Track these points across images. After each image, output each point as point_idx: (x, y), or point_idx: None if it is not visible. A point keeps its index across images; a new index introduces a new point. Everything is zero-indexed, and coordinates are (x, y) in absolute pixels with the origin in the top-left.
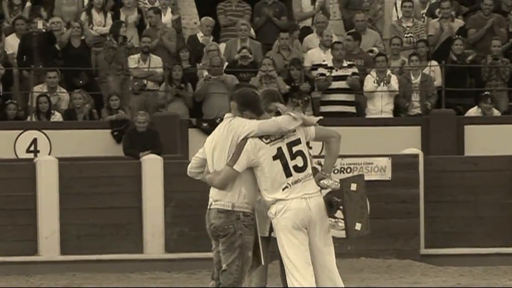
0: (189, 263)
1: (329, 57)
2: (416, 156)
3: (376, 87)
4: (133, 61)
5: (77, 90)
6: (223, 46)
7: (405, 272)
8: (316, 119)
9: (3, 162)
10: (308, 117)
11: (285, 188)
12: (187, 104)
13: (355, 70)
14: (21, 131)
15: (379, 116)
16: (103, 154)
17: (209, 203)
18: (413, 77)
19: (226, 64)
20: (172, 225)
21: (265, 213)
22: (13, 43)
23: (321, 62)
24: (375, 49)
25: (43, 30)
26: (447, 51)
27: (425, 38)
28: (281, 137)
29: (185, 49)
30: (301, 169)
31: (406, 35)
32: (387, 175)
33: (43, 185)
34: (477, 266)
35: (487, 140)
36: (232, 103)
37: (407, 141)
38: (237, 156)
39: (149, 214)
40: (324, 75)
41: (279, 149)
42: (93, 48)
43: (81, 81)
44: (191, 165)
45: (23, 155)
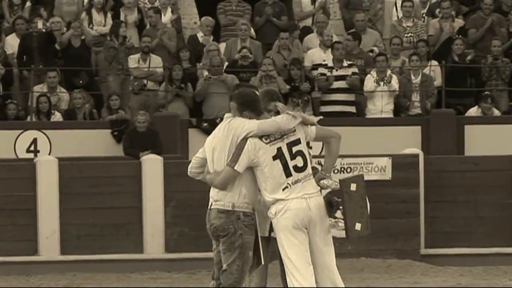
0: (189, 263)
1: (329, 57)
2: (416, 156)
3: (376, 87)
4: (133, 61)
5: (77, 90)
6: (223, 46)
7: (405, 272)
8: (316, 119)
9: (3, 162)
10: (307, 116)
11: (285, 188)
12: (187, 104)
13: (355, 70)
14: (21, 131)
15: (379, 116)
16: (103, 154)
17: (210, 203)
18: (413, 77)
19: (226, 64)
20: (172, 225)
21: (265, 213)
22: (13, 43)
23: (321, 62)
24: (375, 49)
25: (43, 30)
26: (447, 51)
27: (425, 38)
28: (281, 137)
29: (185, 49)
30: (301, 169)
31: (406, 35)
32: (387, 175)
33: (43, 185)
34: (477, 266)
35: (487, 140)
36: (231, 104)
37: (407, 141)
38: (237, 156)
39: (149, 214)
40: (324, 75)
41: (279, 149)
42: (93, 48)
43: (81, 81)
44: (191, 165)
45: (23, 155)
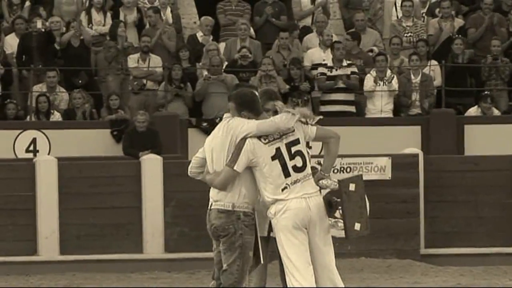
0: (189, 263)
1: (329, 57)
2: (416, 155)
3: (375, 87)
4: (133, 60)
5: (77, 90)
6: (222, 45)
7: (405, 272)
8: (316, 118)
9: (3, 162)
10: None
11: (284, 188)
12: (186, 103)
13: (355, 69)
14: (21, 131)
15: (379, 115)
16: (102, 154)
17: (210, 204)
18: (413, 77)
19: (225, 63)
20: (172, 225)
21: (264, 213)
22: (12, 43)
23: (321, 61)
24: (375, 48)
25: (43, 29)
26: (447, 50)
27: (425, 37)
28: (279, 137)
29: (184, 48)
30: (300, 169)
31: (406, 35)
32: (387, 174)
33: (42, 185)
34: (477, 266)
35: (487, 139)
36: (230, 104)
37: (407, 141)
38: (236, 156)
39: (149, 214)
40: (325, 74)
41: (277, 149)
42: (93, 47)
43: (80, 81)
44: (191, 165)
45: (22, 155)
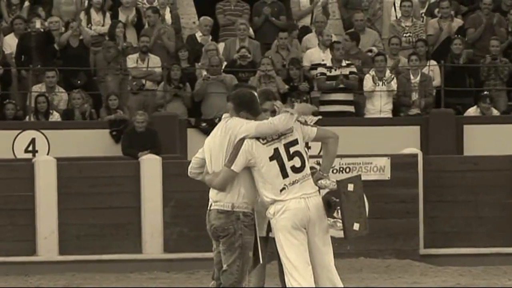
0: (188, 263)
1: (328, 57)
2: (415, 155)
3: (375, 87)
4: (132, 60)
5: (76, 90)
6: (222, 45)
7: (404, 272)
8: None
9: (2, 162)
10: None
11: (283, 189)
12: (185, 104)
13: (354, 69)
14: (20, 131)
15: (378, 115)
16: (102, 154)
17: (209, 204)
18: (412, 77)
19: (225, 63)
20: (171, 225)
21: (263, 213)
22: (11, 43)
23: (320, 61)
24: (374, 48)
25: (42, 29)
26: (446, 50)
27: (424, 37)
28: (278, 138)
29: (184, 48)
30: (298, 170)
31: (405, 35)
32: (386, 175)
33: (41, 185)
34: (477, 266)
35: (486, 139)
36: (229, 104)
37: (406, 141)
38: (234, 156)
39: (148, 214)
40: (324, 74)
41: (275, 150)
42: (92, 48)
43: (79, 81)
44: (191, 165)
45: (21, 155)
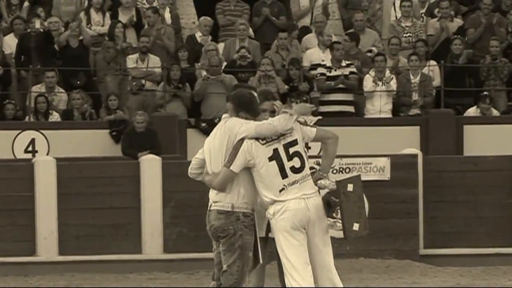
0: (188, 264)
1: (328, 57)
2: (415, 156)
3: (375, 87)
4: (131, 61)
5: (76, 90)
6: (221, 46)
7: (404, 272)
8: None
9: (2, 162)
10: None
11: (282, 190)
12: (185, 104)
13: (354, 69)
14: (19, 131)
15: (378, 116)
16: (101, 154)
17: (209, 204)
18: (412, 77)
19: (224, 64)
20: (171, 225)
21: (262, 213)
22: (11, 43)
23: (320, 62)
24: (373, 48)
25: (41, 30)
26: (446, 51)
27: (424, 38)
28: (277, 138)
29: (183, 49)
30: (298, 170)
31: (405, 35)
32: (386, 175)
33: (41, 185)
34: (477, 266)
35: (486, 140)
36: (228, 104)
37: (406, 141)
38: (233, 157)
39: (147, 214)
40: (324, 75)
41: (275, 150)
42: (92, 48)
43: (78, 82)
44: (191, 166)
45: (21, 155)
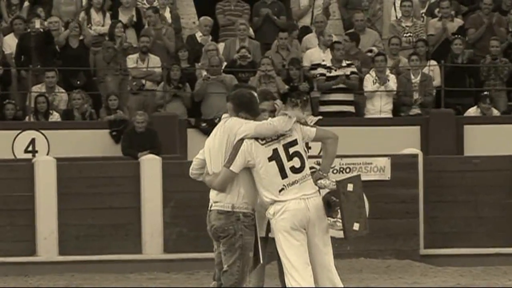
0: (188, 264)
1: (328, 57)
2: (415, 156)
3: (378, 87)
4: (132, 61)
5: (76, 90)
6: (222, 46)
7: (405, 272)
8: (315, 119)
9: (2, 162)
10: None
11: (282, 190)
12: (185, 104)
13: (354, 69)
14: (19, 131)
15: (378, 116)
16: (101, 154)
17: (210, 205)
18: (412, 77)
19: (225, 64)
20: (171, 225)
21: (262, 213)
22: (11, 43)
23: (320, 62)
24: (374, 48)
25: (41, 30)
26: (446, 50)
27: (424, 37)
28: (277, 138)
29: (183, 49)
30: (298, 170)
31: (405, 35)
32: (387, 175)
33: (41, 185)
34: (477, 266)
35: (486, 140)
36: (228, 104)
37: (407, 141)
38: (233, 157)
39: (148, 214)
40: (324, 75)
41: (274, 150)
42: (92, 48)
43: (78, 82)
44: (192, 166)
45: (21, 155)
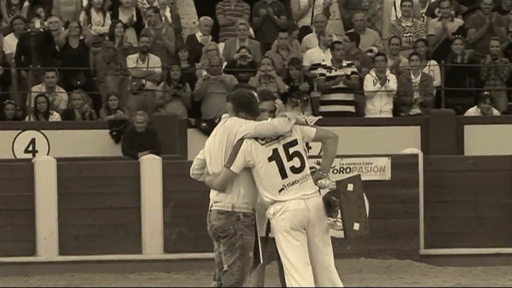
0: (188, 264)
1: (328, 57)
2: (415, 156)
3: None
4: (132, 61)
5: (76, 90)
6: (222, 45)
7: (405, 272)
8: (315, 119)
9: (2, 162)
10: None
11: (282, 190)
12: (185, 104)
13: (354, 69)
14: (19, 131)
15: (379, 116)
16: (101, 154)
17: (210, 205)
18: (413, 77)
19: (225, 64)
20: (171, 225)
21: (262, 213)
22: (11, 43)
23: (320, 61)
24: (374, 48)
25: (41, 30)
26: (446, 50)
27: (424, 37)
28: (277, 138)
29: (184, 48)
30: (298, 170)
31: (405, 35)
32: (387, 175)
33: (41, 185)
34: (477, 266)
35: (486, 140)
36: (228, 104)
37: (407, 141)
38: (233, 157)
39: (148, 214)
40: (324, 75)
41: (274, 150)
42: (92, 48)
43: (78, 82)
44: (193, 166)
45: (21, 155)
